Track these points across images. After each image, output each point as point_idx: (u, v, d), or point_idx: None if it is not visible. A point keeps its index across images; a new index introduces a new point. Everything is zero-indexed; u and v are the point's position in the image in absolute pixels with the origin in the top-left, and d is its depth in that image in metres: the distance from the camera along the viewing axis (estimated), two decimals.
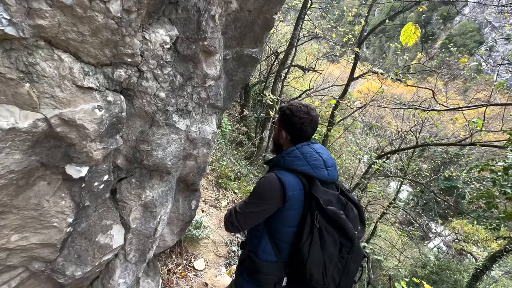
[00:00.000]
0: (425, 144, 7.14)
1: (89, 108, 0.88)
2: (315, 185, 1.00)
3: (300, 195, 1.01)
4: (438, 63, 10.56)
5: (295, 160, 1.04)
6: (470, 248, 10.71)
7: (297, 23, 7.99)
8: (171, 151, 1.28)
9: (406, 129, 9.45)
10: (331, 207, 0.97)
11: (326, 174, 1.03)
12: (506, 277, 9.33)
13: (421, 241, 12.19)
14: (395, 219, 10.87)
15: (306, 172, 1.02)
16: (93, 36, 0.80)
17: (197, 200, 1.96)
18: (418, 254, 9.95)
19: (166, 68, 1.09)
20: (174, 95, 1.19)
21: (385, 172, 9.71)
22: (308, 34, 9.05)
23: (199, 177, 1.86)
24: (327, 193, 1.00)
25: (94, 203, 1.15)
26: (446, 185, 16.23)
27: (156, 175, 1.35)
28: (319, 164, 1.03)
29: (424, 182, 9.66)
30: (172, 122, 1.22)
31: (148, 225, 1.37)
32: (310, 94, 10.13)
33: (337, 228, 0.97)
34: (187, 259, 3.12)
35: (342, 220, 0.96)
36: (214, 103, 1.37)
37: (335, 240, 0.96)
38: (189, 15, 1.02)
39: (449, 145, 6.78)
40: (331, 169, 1.06)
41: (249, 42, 1.52)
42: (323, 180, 1.02)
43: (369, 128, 14.07)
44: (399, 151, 8.32)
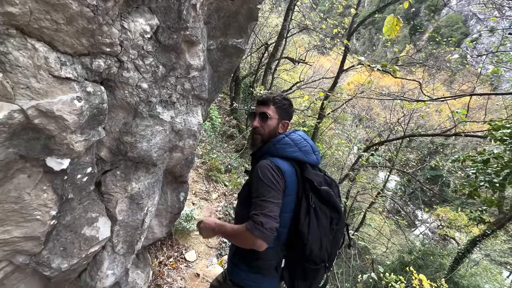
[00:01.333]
0: (412, 135, 7.34)
1: (68, 99, 0.87)
2: (307, 169, 1.08)
3: (294, 181, 1.07)
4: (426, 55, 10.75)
5: (287, 147, 1.10)
6: (453, 233, 11.23)
7: (287, 14, 7.92)
8: (156, 143, 1.28)
9: (394, 121, 9.66)
10: (324, 187, 1.06)
11: (314, 158, 1.13)
12: (486, 260, 9.86)
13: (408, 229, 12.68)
14: (383, 208, 11.23)
15: (298, 158, 1.09)
16: (68, 24, 0.78)
17: (185, 192, 1.97)
18: (405, 241, 10.34)
19: (147, 58, 1.08)
20: (157, 86, 1.18)
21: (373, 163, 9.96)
22: (298, 26, 9.00)
23: (187, 169, 1.87)
24: (317, 175, 1.10)
25: (78, 196, 1.14)
26: (431, 174, 16.82)
27: (142, 167, 1.35)
28: (308, 149, 1.12)
29: (411, 172, 9.97)
30: (156, 114, 1.21)
31: (135, 217, 1.38)
32: (301, 86, 10.15)
33: (328, 204, 1.06)
34: (178, 251, 3.14)
35: (333, 197, 1.06)
36: (198, 94, 1.37)
37: (327, 215, 1.06)
38: (169, 4, 1.01)
39: (435, 135, 7.01)
40: (317, 154, 1.17)
41: (233, 33, 1.51)
42: (312, 164, 1.12)
43: (358, 120, 14.30)
44: (387, 142, 8.53)
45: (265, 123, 1.17)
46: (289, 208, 1.07)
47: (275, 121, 1.19)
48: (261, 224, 0.94)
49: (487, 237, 8.04)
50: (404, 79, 8.35)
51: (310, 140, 1.17)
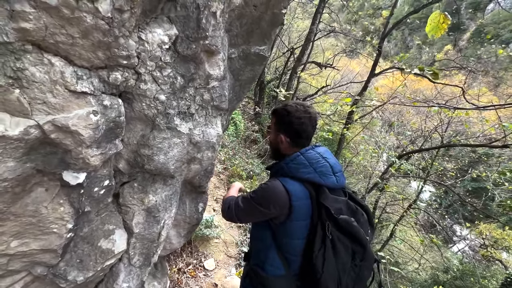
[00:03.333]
0: (452, 144, 6.68)
1: (84, 114, 0.84)
2: (324, 193, 0.93)
3: (307, 204, 0.95)
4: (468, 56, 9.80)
5: (301, 167, 0.97)
6: (500, 255, 10.00)
7: (315, 17, 7.74)
8: (174, 155, 1.24)
9: (430, 127, 8.90)
10: (343, 216, 0.92)
11: (334, 180, 0.96)
12: None
13: (444, 245, 11.58)
14: (415, 221, 10.37)
15: (313, 180, 0.95)
16: (83, 38, 0.75)
17: (204, 203, 1.92)
18: (440, 258, 9.49)
19: (165, 69, 1.04)
20: (175, 97, 1.13)
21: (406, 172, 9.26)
22: (325, 29, 8.74)
23: (206, 179, 1.82)
24: (337, 200, 0.94)
25: (96, 208, 1.13)
26: (473, 186, 15.23)
27: (160, 179, 1.32)
28: (326, 170, 0.96)
29: (448, 184, 9.09)
30: (173, 126, 1.17)
31: (151, 230, 1.35)
32: (327, 91, 9.83)
33: (350, 236, 0.92)
34: (198, 258, 3.12)
35: (355, 228, 0.92)
36: (218, 104, 1.31)
37: (348, 248, 0.92)
38: (188, 13, 0.96)
39: (479, 146, 6.30)
40: (338, 175, 0.99)
41: (256, 40, 1.44)
42: (331, 188, 0.96)
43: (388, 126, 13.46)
44: (423, 151, 7.87)
45: (270, 136, 1.13)
46: (301, 234, 0.96)
47: (274, 134, 1.10)
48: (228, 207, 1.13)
49: None
50: (444, 84, 7.62)
51: (331, 158, 1.01)
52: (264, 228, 1.03)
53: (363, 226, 0.96)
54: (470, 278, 8.39)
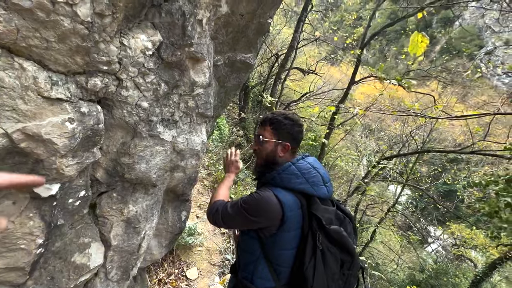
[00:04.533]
0: (427, 150, 7.07)
1: (58, 121, 0.79)
2: (315, 204, 0.94)
3: (299, 215, 0.95)
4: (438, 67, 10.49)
5: (293, 178, 0.97)
6: (470, 254, 10.63)
7: (298, 26, 7.94)
8: (156, 164, 1.19)
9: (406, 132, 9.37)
10: (334, 227, 0.93)
11: (325, 191, 0.98)
12: (504, 282, 9.25)
13: (419, 245, 12.11)
14: (393, 223, 10.79)
15: (305, 190, 0.96)
16: (60, 42, 0.71)
17: (187, 211, 1.87)
18: (416, 258, 9.91)
19: (148, 76, 1.00)
20: (158, 104, 1.10)
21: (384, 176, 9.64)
22: (308, 37, 9.00)
23: (190, 187, 1.78)
24: (327, 211, 0.96)
25: (70, 220, 1.06)
26: (444, 189, 16.16)
27: (141, 188, 1.27)
28: (318, 181, 0.98)
29: (424, 188, 9.58)
30: (156, 133, 1.13)
31: (131, 242, 1.28)
32: (310, 97, 10.06)
33: (339, 246, 0.93)
34: (180, 267, 3.03)
35: (345, 238, 0.93)
36: (203, 112, 1.29)
37: (337, 258, 0.93)
38: (173, 19, 0.94)
39: (451, 152, 6.72)
40: (328, 185, 1.01)
41: (242, 47, 1.44)
42: (322, 198, 0.97)
43: (369, 131, 14.00)
44: (401, 155, 8.24)
45: (262, 146, 1.09)
46: (291, 245, 0.96)
47: (272, 144, 1.07)
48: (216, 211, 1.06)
49: (508, 260, 7.54)
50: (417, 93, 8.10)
51: (321, 168, 1.03)
52: (253, 240, 1.02)
53: (350, 235, 0.98)
54: (443, 277, 8.83)
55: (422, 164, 14.38)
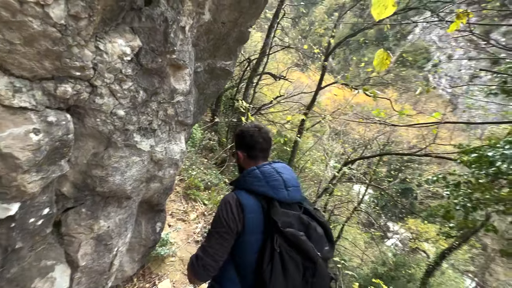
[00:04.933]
0: (388, 153, 7.71)
1: (21, 133, 0.70)
2: (274, 207, 0.94)
3: (260, 218, 0.95)
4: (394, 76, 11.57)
5: (255, 181, 0.99)
6: (424, 246, 11.74)
7: (269, 32, 8.11)
8: (132, 175, 1.12)
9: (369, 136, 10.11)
10: (290, 229, 0.91)
11: (285, 195, 0.98)
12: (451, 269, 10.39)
13: (381, 240, 13.06)
14: (358, 221, 11.50)
15: (265, 193, 0.96)
16: (26, 45, 0.63)
17: (162, 222, 1.78)
18: (378, 253, 10.62)
19: (126, 82, 0.94)
20: (136, 112, 1.04)
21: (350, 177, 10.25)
22: (279, 43, 9.25)
23: (165, 197, 1.70)
24: (287, 214, 0.95)
25: (29, 242, 0.93)
26: (401, 187, 17.75)
27: (113, 201, 1.17)
28: (278, 184, 0.98)
29: (385, 187, 10.40)
30: (133, 143, 1.06)
31: (101, 261, 1.18)
32: (280, 101, 10.32)
33: (299, 250, 0.91)
34: (151, 281, 2.85)
35: (302, 242, 0.91)
36: (183, 120, 1.25)
37: (298, 264, 0.91)
38: (154, 25, 0.89)
39: (408, 155, 7.41)
40: (291, 189, 1.00)
41: (222, 55, 1.43)
42: (283, 201, 0.97)
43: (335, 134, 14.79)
44: (365, 158, 8.86)
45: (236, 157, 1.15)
46: (254, 249, 0.95)
47: (239, 154, 1.13)
48: (195, 258, 0.98)
49: (455, 250, 8.52)
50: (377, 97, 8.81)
51: (286, 173, 1.02)
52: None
53: (316, 241, 0.95)
54: (401, 268, 9.63)
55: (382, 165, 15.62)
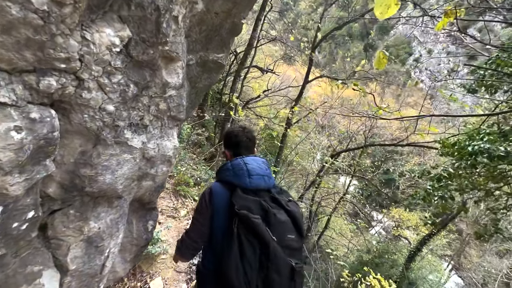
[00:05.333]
0: (372, 144, 7.93)
1: (1, 131, 0.64)
2: (235, 192, 1.03)
3: (226, 203, 1.04)
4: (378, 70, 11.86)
5: (225, 172, 1.12)
6: (406, 233, 12.33)
7: (256, 25, 7.99)
8: (123, 174, 1.07)
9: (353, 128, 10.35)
10: (242, 211, 0.96)
11: (247, 182, 1.05)
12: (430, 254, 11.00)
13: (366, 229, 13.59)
14: (344, 211, 11.86)
15: (229, 181, 1.08)
16: (4, 34, 0.57)
17: (154, 220, 1.73)
18: (363, 241, 11.05)
19: (115, 76, 0.88)
20: (126, 107, 0.98)
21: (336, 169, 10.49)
22: (266, 36, 9.15)
23: (157, 194, 1.65)
24: (246, 199, 1.01)
25: (13, 248, 0.87)
26: (384, 178, 18.44)
27: (103, 201, 1.12)
28: (242, 173, 1.07)
29: (369, 178, 10.75)
30: (123, 140, 1.01)
31: (93, 263, 1.12)
32: (268, 94, 10.29)
33: (255, 234, 0.94)
34: (142, 280, 2.80)
35: (255, 224, 0.94)
36: (176, 115, 1.20)
37: (254, 245, 0.94)
38: (145, 14, 0.84)
39: (391, 145, 7.67)
40: (254, 177, 1.06)
41: (215, 47, 1.38)
42: (246, 188, 1.04)
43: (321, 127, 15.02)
44: (350, 150, 9.08)
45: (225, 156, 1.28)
46: (221, 230, 1.03)
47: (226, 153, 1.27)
48: (180, 241, 1.17)
49: (434, 236, 9.00)
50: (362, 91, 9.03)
51: (253, 164, 1.10)
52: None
53: (275, 227, 0.97)
54: (385, 255, 10.09)
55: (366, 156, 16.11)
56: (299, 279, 0.97)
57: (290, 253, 0.97)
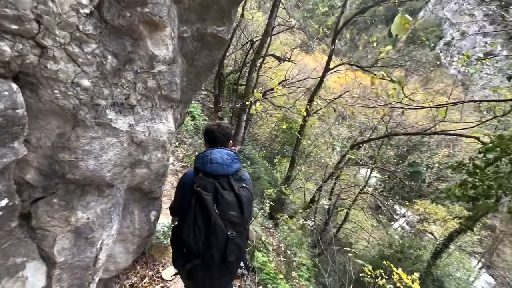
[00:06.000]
0: (395, 133, 7.40)
1: None
2: (197, 175, 1.29)
3: (192, 183, 1.28)
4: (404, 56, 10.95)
5: (197, 160, 1.38)
6: (432, 228, 11.65)
7: (272, 11, 7.66)
8: (109, 159, 0.96)
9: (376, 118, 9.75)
10: (198, 188, 1.22)
11: (207, 167, 1.29)
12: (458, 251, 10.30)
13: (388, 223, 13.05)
14: (364, 204, 11.41)
15: (197, 167, 1.34)
16: None
17: (157, 211, 1.65)
18: (385, 235, 10.61)
19: (88, 44, 0.76)
20: (107, 83, 0.86)
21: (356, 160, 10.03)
22: (284, 24, 8.77)
23: (158, 183, 1.55)
24: (204, 180, 1.26)
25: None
26: (409, 170, 17.44)
27: (92, 189, 1.02)
28: (206, 161, 1.32)
29: (392, 170, 10.18)
30: (106, 121, 0.89)
31: (83, 255, 1.05)
32: (285, 85, 9.97)
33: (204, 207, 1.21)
34: (154, 268, 2.80)
35: (204, 199, 1.21)
36: (168, 94, 1.06)
37: (204, 217, 1.21)
38: None
39: (417, 134, 7.11)
40: (213, 165, 1.30)
41: (213, 18, 1.21)
42: (207, 172, 1.28)
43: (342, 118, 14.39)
44: (371, 140, 8.59)
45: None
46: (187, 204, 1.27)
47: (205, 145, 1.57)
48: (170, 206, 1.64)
49: (464, 232, 8.35)
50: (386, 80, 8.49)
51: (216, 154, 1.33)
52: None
53: (221, 204, 1.23)
54: (408, 250, 9.61)
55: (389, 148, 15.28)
56: (231, 245, 1.24)
57: (230, 226, 1.24)
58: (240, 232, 1.29)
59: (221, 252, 1.23)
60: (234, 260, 1.29)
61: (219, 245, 1.22)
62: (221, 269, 1.31)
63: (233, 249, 1.25)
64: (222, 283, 1.39)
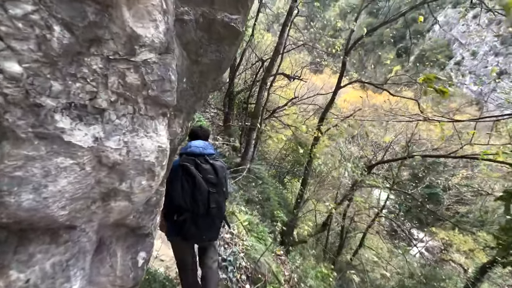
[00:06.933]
0: (414, 155, 6.89)
1: None
2: (183, 155, 1.75)
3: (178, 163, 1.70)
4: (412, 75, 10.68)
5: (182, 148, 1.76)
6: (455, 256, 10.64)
7: (283, 30, 7.66)
8: (61, 191, 0.62)
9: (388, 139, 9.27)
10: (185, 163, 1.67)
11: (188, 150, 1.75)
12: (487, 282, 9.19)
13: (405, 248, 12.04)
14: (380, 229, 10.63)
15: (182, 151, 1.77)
16: None
17: (147, 251, 1.27)
18: (403, 263, 9.83)
19: (18, 4, 0.45)
20: (57, 73, 0.54)
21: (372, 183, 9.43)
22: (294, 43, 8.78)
23: (150, 216, 1.20)
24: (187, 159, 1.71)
25: None
26: (426, 192, 16.43)
27: (38, 235, 0.68)
28: (187, 147, 1.78)
29: (411, 192, 9.50)
30: (54, 132, 0.57)
31: None
32: (296, 102, 9.78)
33: (190, 174, 1.65)
34: None
35: (190, 169, 1.65)
36: (158, 95, 0.74)
37: (189, 182, 1.64)
38: None
39: (440, 156, 6.57)
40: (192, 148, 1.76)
41: (225, 2, 0.92)
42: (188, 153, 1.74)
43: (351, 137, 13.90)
44: (390, 161, 8.05)
45: None
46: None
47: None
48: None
49: (497, 263, 7.46)
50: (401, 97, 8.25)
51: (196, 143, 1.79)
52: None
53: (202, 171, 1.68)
54: (432, 281, 8.69)
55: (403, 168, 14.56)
56: (212, 197, 1.67)
57: (210, 185, 1.67)
58: (218, 191, 1.70)
59: (205, 204, 1.64)
60: (215, 208, 1.67)
61: (202, 198, 1.63)
62: (206, 219, 1.67)
63: (213, 199, 1.67)
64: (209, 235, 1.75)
